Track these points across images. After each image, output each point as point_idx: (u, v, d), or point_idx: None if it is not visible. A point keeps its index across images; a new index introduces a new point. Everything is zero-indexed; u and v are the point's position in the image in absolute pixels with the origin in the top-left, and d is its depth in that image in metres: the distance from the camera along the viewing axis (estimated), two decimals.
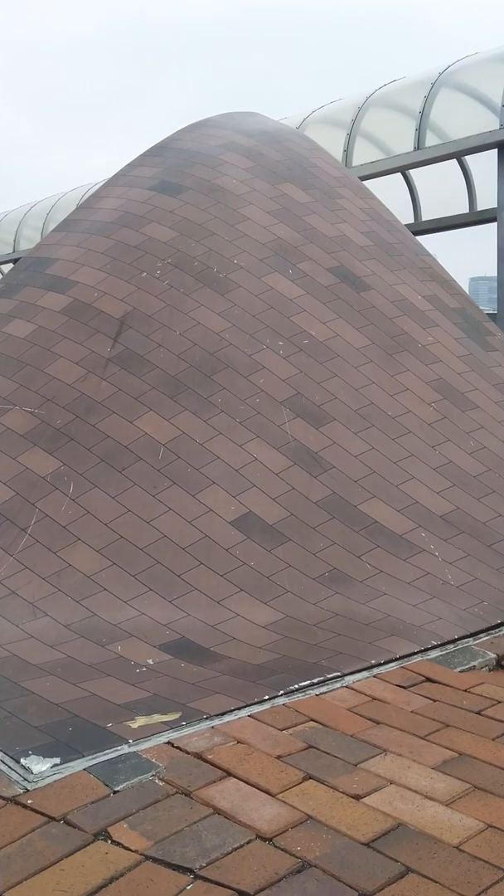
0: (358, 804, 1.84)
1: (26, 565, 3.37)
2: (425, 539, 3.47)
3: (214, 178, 4.91)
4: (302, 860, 1.64)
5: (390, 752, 2.07)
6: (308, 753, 2.06)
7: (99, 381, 3.97)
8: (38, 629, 3.07)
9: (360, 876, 1.58)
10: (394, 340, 4.35)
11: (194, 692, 2.52)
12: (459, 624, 2.99)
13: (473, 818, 1.78)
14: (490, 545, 3.52)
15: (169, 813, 1.80)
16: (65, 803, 1.84)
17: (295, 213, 4.83)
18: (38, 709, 2.41)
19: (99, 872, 1.60)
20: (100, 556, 3.38)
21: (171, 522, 3.48)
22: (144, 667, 2.77)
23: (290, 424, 3.81)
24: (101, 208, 4.89)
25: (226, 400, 3.86)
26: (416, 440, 3.90)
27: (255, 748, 2.08)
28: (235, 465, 3.63)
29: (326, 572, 3.30)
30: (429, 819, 1.78)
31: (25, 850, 1.68)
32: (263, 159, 5.20)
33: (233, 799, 1.85)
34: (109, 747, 2.11)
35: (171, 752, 2.07)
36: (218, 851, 1.66)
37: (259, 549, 3.37)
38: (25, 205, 17.48)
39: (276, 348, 4.09)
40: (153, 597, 3.23)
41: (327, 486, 3.61)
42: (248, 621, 3.08)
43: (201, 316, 4.17)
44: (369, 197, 5.38)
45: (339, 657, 2.72)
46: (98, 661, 2.81)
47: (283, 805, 1.83)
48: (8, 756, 2.08)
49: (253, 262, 4.48)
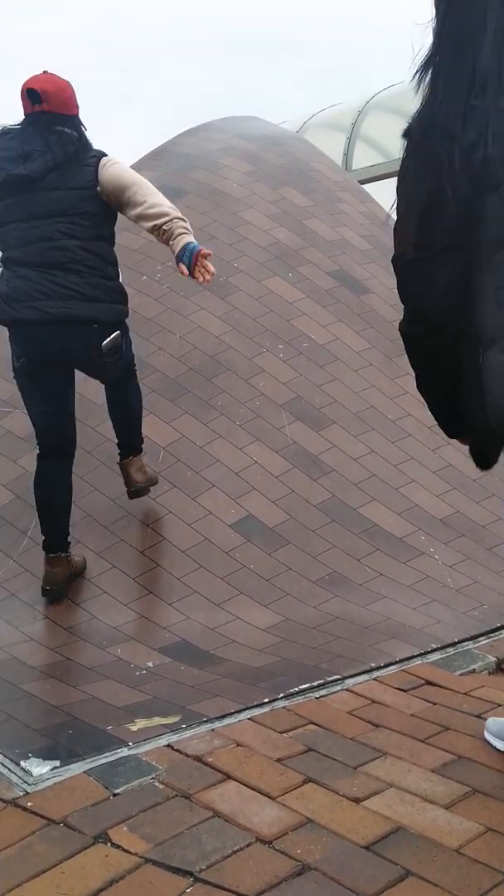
0: (358, 807, 1.84)
1: (26, 568, 3.37)
2: (425, 542, 3.47)
3: (215, 181, 4.92)
4: (302, 863, 1.63)
5: (390, 755, 2.07)
6: (308, 756, 2.06)
7: (98, 383, 3.97)
8: (38, 632, 3.07)
9: (360, 879, 1.58)
10: (394, 344, 4.35)
11: (194, 695, 2.52)
12: (459, 627, 2.99)
13: (473, 821, 1.78)
14: (490, 548, 3.52)
15: (169, 816, 1.80)
16: (65, 806, 1.83)
17: (295, 217, 4.84)
18: (37, 711, 2.41)
19: (99, 875, 1.60)
20: (100, 558, 3.39)
21: (170, 525, 3.48)
22: (144, 669, 2.77)
23: (290, 427, 3.81)
24: None
25: (226, 403, 3.86)
26: (415, 443, 3.91)
27: (255, 751, 2.08)
28: (235, 468, 3.63)
29: (326, 575, 3.30)
30: (429, 822, 1.78)
31: (25, 852, 1.68)
32: (263, 163, 5.21)
33: (233, 802, 1.85)
34: (109, 750, 2.11)
35: (170, 754, 2.07)
36: (218, 854, 1.66)
37: (259, 552, 3.37)
38: None
39: (276, 351, 4.09)
40: (153, 599, 3.23)
41: (327, 490, 3.61)
42: (247, 624, 3.07)
43: (201, 319, 4.18)
44: (369, 200, 5.39)
45: (339, 660, 2.72)
46: (98, 663, 2.81)
47: (282, 808, 1.83)
48: (8, 758, 2.07)
49: (253, 266, 4.48)
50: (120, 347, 3.20)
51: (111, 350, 3.15)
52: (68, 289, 3.02)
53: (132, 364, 3.40)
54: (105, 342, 3.11)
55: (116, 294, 3.17)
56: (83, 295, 3.04)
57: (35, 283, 3.00)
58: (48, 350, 3.06)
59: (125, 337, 3.25)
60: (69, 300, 3.01)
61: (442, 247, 1.48)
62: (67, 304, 3.01)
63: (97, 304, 3.07)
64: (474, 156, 1.39)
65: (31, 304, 2.99)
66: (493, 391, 1.50)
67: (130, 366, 3.39)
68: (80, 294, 3.03)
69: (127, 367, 3.36)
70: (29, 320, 3.00)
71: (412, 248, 1.51)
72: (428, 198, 1.44)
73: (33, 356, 3.08)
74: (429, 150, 1.42)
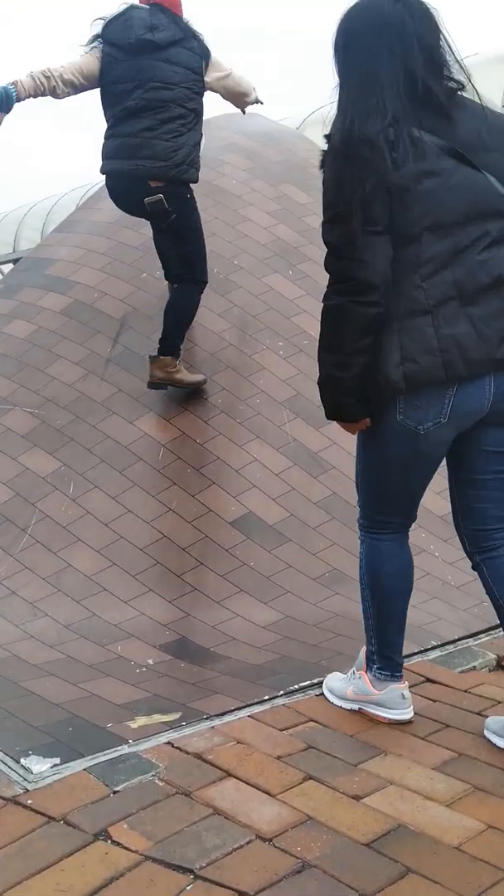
0: (358, 805, 1.84)
1: (26, 566, 3.37)
2: (425, 539, 3.47)
3: (214, 178, 4.91)
4: (302, 860, 1.63)
5: (390, 752, 2.07)
6: (308, 754, 2.06)
7: (99, 382, 3.97)
8: (38, 629, 3.07)
9: (361, 876, 1.58)
10: None
11: (194, 692, 2.52)
12: (459, 624, 2.98)
13: (473, 819, 1.78)
14: None
15: (169, 813, 1.79)
16: (65, 803, 1.83)
17: (295, 214, 4.83)
18: (38, 709, 2.40)
19: (99, 873, 1.60)
20: (100, 556, 3.38)
21: (171, 523, 3.48)
22: (144, 667, 2.77)
23: (290, 425, 3.81)
24: (101, 208, 4.89)
25: (226, 400, 3.86)
26: None
27: (255, 748, 2.08)
28: (235, 466, 3.63)
29: (326, 572, 3.30)
30: (429, 819, 1.78)
31: (25, 850, 1.68)
32: (264, 160, 5.20)
33: (233, 799, 1.85)
34: (109, 747, 2.11)
35: (171, 752, 2.07)
36: (218, 852, 1.66)
37: (259, 549, 3.37)
38: (25, 205, 17.49)
39: (276, 349, 4.09)
40: (153, 597, 3.23)
41: (327, 487, 3.61)
42: (248, 621, 3.07)
43: (201, 316, 4.17)
44: None
45: (339, 657, 2.72)
46: (98, 661, 2.81)
47: (283, 805, 1.83)
48: (8, 756, 2.07)
49: (253, 263, 4.48)
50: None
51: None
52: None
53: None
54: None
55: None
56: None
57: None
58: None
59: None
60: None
61: (385, 225, 1.86)
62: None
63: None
64: (402, 169, 1.83)
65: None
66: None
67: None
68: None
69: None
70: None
71: (360, 227, 1.85)
72: (370, 189, 1.83)
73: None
74: (360, 156, 1.83)
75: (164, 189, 3.58)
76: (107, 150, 3.66)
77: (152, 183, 3.57)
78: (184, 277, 3.85)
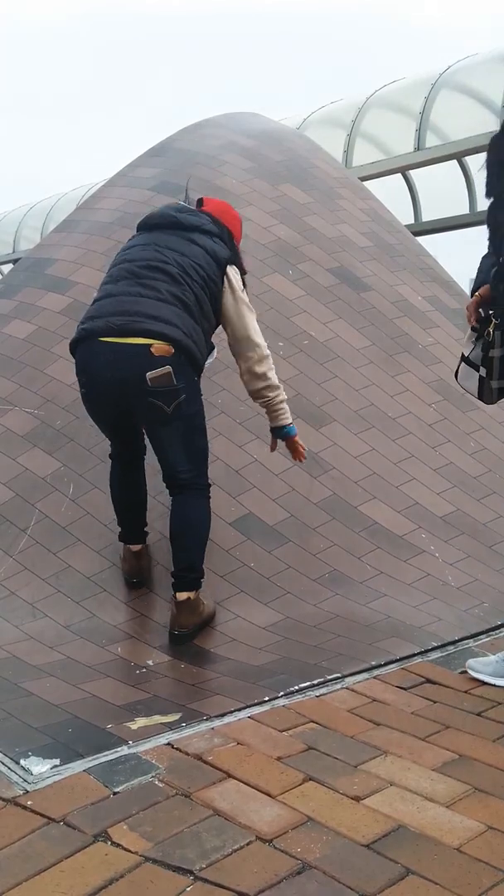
0: (358, 806, 1.84)
1: (26, 566, 3.37)
2: (425, 540, 3.46)
3: (214, 178, 4.90)
4: (302, 862, 1.63)
5: (390, 753, 2.07)
6: (308, 755, 2.06)
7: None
8: (37, 630, 3.07)
9: (361, 877, 1.58)
10: (394, 341, 4.35)
11: (194, 693, 2.52)
12: (459, 625, 2.98)
13: (474, 820, 1.78)
14: (490, 546, 3.52)
15: (169, 814, 1.79)
16: (64, 804, 1.83)
17: (295, 214, 4.83)
18: (37, 710, 2.40)
19: (99, 874, 1.60)
20: (100, 556, 3.38)
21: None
22: (144, 668, 2.77)
23: None
24: (101, 208, 4.89)
25: (226, 401, 3.86)
26: (416, 441, 3.90)
27: (255, 749, 2.08)
28: (235, 466, 3.63)
29: (326, 573, 3.29)
30: (429, 820, 1.77)
31: (25, 851, 1.68)
32: (263, 160, 5.20)
33: (233, 800, 1.85)
34: (109, 748, 2.11)
35: (171, 753, 2.07)
36: (218, 853, 1.66)
37: (259, 550, 3.37)
38: (25, 205, 17.48)
39: (276, 349, 4.08)
40: (153, 597, 3.23)
41: (327, 487, 3.61)
42: (247, 622, 3.07)
43: None
44: (369, 198, 5.38)
45: (339, 658, 2.72)
46: (98, 661, 2.81)
47: (283, 806, 1.83)
48: (8, 757, 2.07)
49: (253, 263, 4.47)
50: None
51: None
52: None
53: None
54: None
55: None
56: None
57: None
58: None
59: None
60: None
61: None
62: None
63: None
64: None
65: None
66: None
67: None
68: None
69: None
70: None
71: None
72: None
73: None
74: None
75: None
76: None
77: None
78: (189, 482, 3.08)
